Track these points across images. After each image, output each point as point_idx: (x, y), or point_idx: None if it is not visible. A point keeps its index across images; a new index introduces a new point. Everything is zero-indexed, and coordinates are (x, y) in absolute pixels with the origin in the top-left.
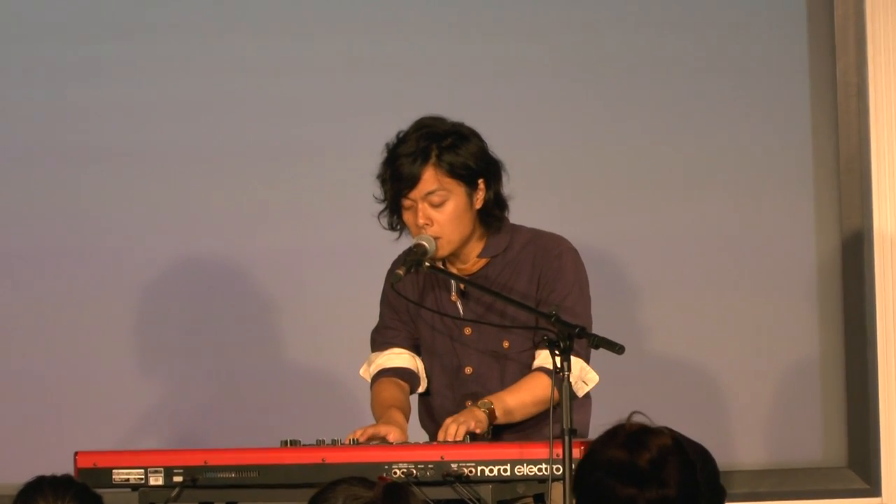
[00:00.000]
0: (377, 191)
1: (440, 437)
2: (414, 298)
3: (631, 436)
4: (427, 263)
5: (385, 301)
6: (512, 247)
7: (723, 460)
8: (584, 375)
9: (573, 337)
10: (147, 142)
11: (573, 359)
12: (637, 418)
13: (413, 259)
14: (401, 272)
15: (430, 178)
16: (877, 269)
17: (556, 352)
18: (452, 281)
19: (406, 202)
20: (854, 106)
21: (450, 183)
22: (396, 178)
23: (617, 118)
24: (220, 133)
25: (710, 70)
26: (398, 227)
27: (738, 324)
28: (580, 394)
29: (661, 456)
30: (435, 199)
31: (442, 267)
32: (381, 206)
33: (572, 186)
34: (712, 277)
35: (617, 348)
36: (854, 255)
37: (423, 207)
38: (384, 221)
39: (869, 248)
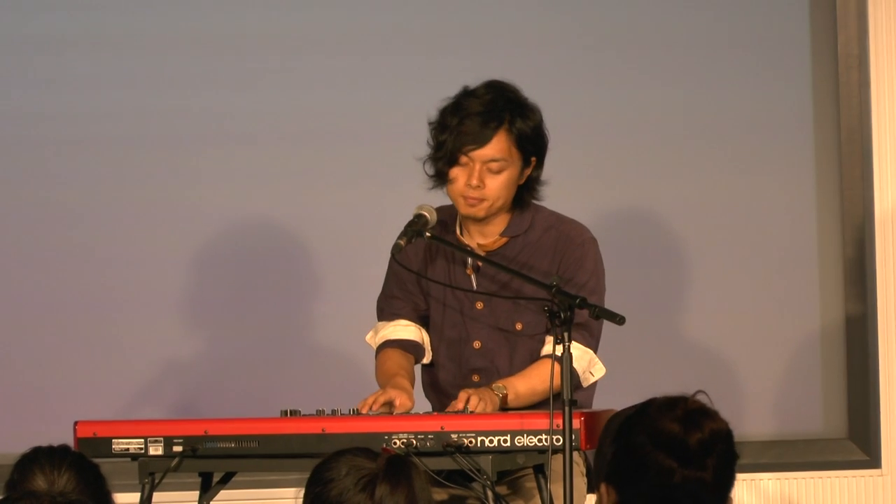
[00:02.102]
0: (378, 162)
1: (459, 404)
2: (423, 268)
3: (689, 413)
4: (428, 233)
5: (392, 269)
6: (534, 228)
7: None
8: (591, 366)
9: (573, 307)
10: (151, 109)
11: (583, 349)
12: (700, 398)
13: (414, 229)
14: (402, 242)
15: (498, 144)
16: (877, 241)
17: (557, 322)
18: (463, 254)
19: (463, 159)
20: (855, 78)
21: (513, 153)
22: (464, 134)
23: (617, 97)
24: (225, 101)
25: (711, 44)
26: (443, 178)
27: (740, 297)
28: (585, 384)
29: (710, 440)
30: (494, 166)
31: (460, 237)
32: (430, 153)
33: (572, 166)
34: (713, 251)
35: (618, 319)
36: (855, 226)
37: (481, 170)
38: (430, 169)
39: (870, 220)
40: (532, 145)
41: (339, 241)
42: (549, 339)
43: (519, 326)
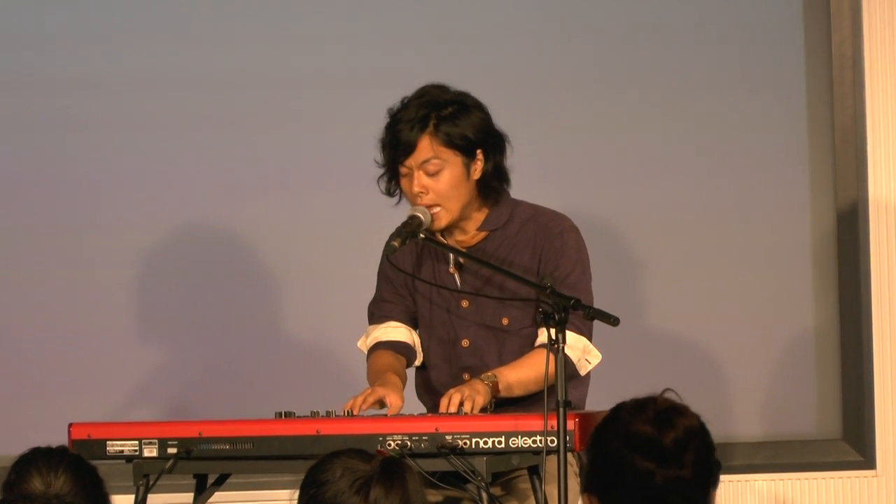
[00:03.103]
0: (376, 158)
1: (442, 406)
2: (410, 270)
3: (660, 413)
4: (422, 235)
5: (382, 274)
6: (512, 221)
7: (718, 433)
8: (586, 353)
9: (568, 309)
10: (142, 111)
11: (576, 336)
12: (668, 395)
13: (408, 231)
14: (396, 244)
15: (426, 147)
16: (872, 241)
17: (551, 324)
18: (451, 253)
19: (403, 169)
20: (849, 78)
21: (445, 153)
22: (394, 145)
23: (613, 97)
24: (216, 103)
25: (705, 45)
26: (395, 192)
27: (734, 297)
28: (583, 372)
29: (685, 437)
30: (430, 167)
31: (440, 238)
32: (382, 172)
33: (567, 163)
34: (707, 251)
35: (612, 320)
36: (849, 227)
37: (419, 176)
38: (382, 186)
39: (864, 220)
40: (466, 141)
41: (333, 242)
42: (542, 331)
43: (505, 322)
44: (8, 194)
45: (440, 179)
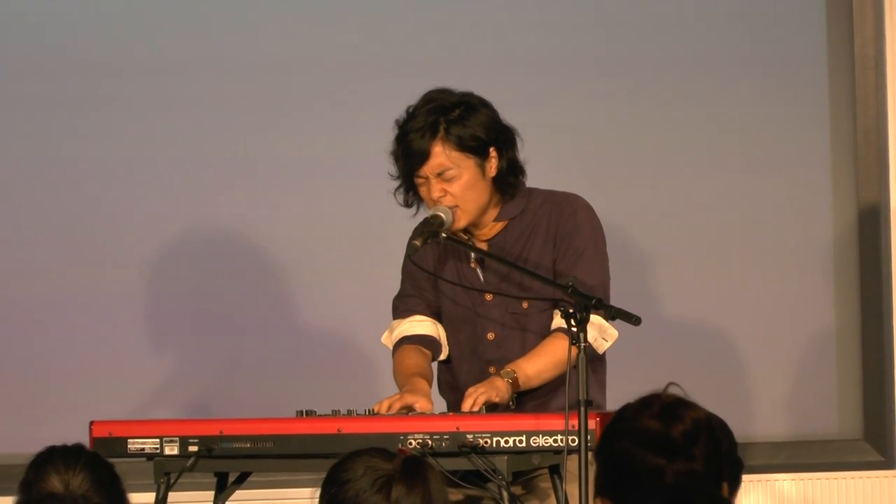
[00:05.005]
0: (387, 161)
1: (465, 405)
2: (433, 266)
3: (666, 407)
4: (444, 234)
5: (405, 270)
6: (528, 209)
7: (739, 432)
8: (603, 332)
9: (589, 308)
10: (158, 113)
11: (592, 316)
12: (672, 390)
13: (430, 230)
14: (417, 243)
15: (440, 154)
16: (893, 241)
17: (573, 323)
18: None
19: (419, 179)
20: (872, 79)
21: (459, 157)
22: (407, 155)
23: (636, 94)
24: (234, 104)
25: (728, 44)
26: (413, 203)
27: (755, 297)
28: (601, 351)
29: (694, 430)
30: (447, 174)
31: (463, 234)
32: (397, 183)
33: (595, 161)
34: (729, 251)
35: (634, 319)
36: (871, 227)
37: (436, 182)
38: (399, 198)
39: (886, 220)
40: (478, 142)
41: (352, 240)
42: (556, 313)
43: (525, 305)
44: (26, 193)
45: (458, 184)
